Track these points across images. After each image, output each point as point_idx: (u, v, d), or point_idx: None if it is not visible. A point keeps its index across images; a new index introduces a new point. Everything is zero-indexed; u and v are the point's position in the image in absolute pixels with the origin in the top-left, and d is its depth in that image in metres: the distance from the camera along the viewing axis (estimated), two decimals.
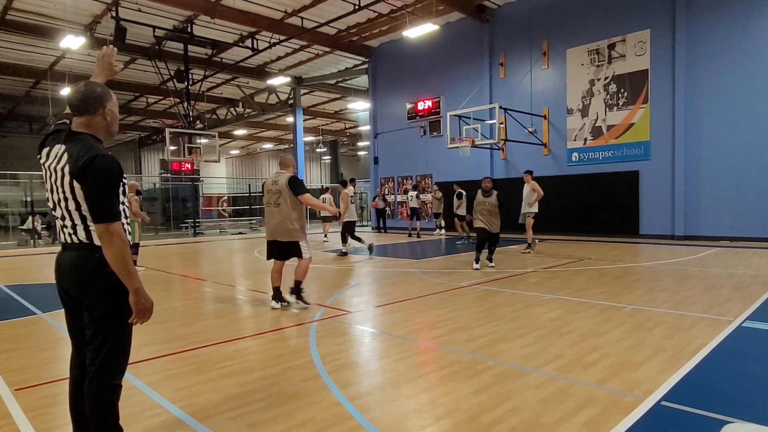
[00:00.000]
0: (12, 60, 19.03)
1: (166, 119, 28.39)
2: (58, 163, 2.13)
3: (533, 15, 15.17)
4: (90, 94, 2.17)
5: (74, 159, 2.09)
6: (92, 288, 2.11)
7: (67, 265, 2.16)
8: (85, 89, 2.17)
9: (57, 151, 2.16)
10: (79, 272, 2.12)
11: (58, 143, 2.18)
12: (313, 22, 16.25)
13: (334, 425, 2.63)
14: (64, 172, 2.10)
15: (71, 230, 2.16)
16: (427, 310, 5.41)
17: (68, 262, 2.16)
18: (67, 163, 2.10)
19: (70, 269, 2.15)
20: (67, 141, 2.16)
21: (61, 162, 2.12)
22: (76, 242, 2.15)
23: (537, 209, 10.62)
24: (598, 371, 3.35)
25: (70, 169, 2.08)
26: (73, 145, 2.14)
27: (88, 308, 2.12)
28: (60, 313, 5.65)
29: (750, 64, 11.54)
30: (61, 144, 2.16)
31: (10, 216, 20.33)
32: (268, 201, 5.55)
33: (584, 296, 5.85)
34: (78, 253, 2.14)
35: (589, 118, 14.18)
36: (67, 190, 2.11)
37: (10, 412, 2.91)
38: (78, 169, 2.06)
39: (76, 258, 2.14)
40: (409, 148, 19.03)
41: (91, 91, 2.18)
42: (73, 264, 2.14)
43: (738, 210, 11.76)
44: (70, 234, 2.16)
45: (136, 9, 14.87)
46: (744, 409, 2.70)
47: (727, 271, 7.42)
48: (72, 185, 2.09)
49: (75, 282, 2.14)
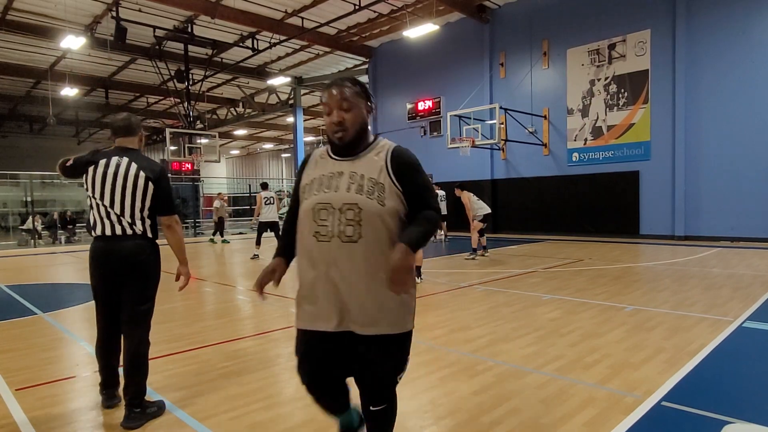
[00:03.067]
0: (12, 60, 19.02)
1: (167, 119, 28.38)
2: (127, 169, 2.72)
3: (533, 15, 15.17)
4: (134, 120, 2.90)
5: (147, 167, 2.75)
6: (146, 267, 2.74)
7: (126, 250, 2.70)
8: (130, 117, 2.89)
9: (118, 161, 2.74)
10: (139, 256, 2.72)
11: (115, 156, 2.76)
12: (313, 22, 16.25)
13: (334, 425, 2.62)
14: (139, 176, 2.71)
15: (129, 223, 2.71)
16: (427, 310, 5.41)
17: (128, 248, 2.70)
18: (141, 169, 2.72)
19: (129, 254, 2.70)
20: (124, 155, 2.77)
21: (131, 169, 2.72)
22: (132, 233, 2.72)
23: (481, 215, 9.73)
24: (599, 371, 3.35)
25: (147, 174, 2.72)
26: (134, 156, 2.78)
27: (138, 280, 2.73)
28: (60, 313, 5.67)
29: (750, 64, 11.54)
30: (120, 156, 2.76)
31: (10, 216, 20.35)
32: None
33: (584, 296, 5.85)
34: (136, 241, 2.72)
35: (589, 119, 14.18)
36: (139, 192, 2.71)
37: (10, 412, 2.91)
38: (155, 174, 2.75)
39: (134, 245, 2.72)
40: (410, 148, 18.85)
41: (134, 118, 2.91)
42: (134, 250, 2.71)
43: (738, 210, 11.75)
44: (129, 225, 2.71)
45: (137, 9, 14.87)
46: (744, 410, 2.70)
47: (727, 272, 7.41)
48: (146, 187, 2.72)
49: (130, 262, 2.71)
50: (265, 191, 11.10)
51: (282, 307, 5.80)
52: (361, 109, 1.88)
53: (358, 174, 1.83)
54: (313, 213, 1.83)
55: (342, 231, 1.78)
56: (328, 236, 1.79)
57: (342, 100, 1.83)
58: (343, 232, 1.78)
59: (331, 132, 1.85)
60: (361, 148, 1.90)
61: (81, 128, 30.33)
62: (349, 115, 1.84)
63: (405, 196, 1.85)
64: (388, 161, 1.86)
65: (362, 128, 1.88)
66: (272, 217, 10.95)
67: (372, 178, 1.82)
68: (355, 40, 18.66)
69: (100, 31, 15.81)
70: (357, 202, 1.77)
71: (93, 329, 4.75)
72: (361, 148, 1.90)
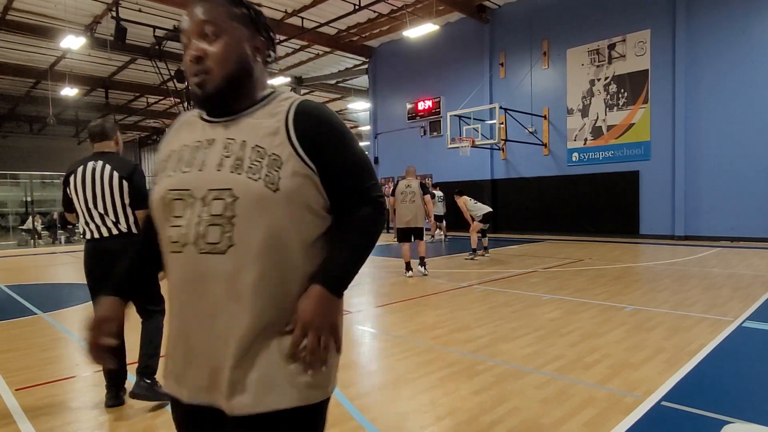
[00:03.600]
0: (12, 60, 19.01)
1: (167, 119, 28.39)
2: (102, 171, 2.92)
3: (533, 15, 15.17)
4: (107, 125, 3.12)
5: (119, 167, 2.95)
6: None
7: (114, 249, 2.90)
8: (104, 122, 3.11)
9: (93, 166, 2.94)
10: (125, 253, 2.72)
11: (90, 161, 2.96)
12: (313, 22, 16.25)
13: (334, 425, 2.63)
14: (113, 176, 2.91)
15: (114, 222, 2.94)
16: (427, 310, 5.41)
17: (115, 246, 2.91)
18: (114, 170, 2.93)
19: (118, 251, 2.87)
20: (98, 159, 2.98)
21: (106, 170, 2.93)
22: (119, 232, 2.94)
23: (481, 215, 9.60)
24: (598, 371, 3.35)
25: (119, 173, 2.93)
26: (108, 159, 2.99)
27: None
28: (60, 313, 5.67)
29: (750, 64, 11.54)
30: (95, 161, 2.96)
31: (10, 216, 20.35)
32: (404, 199, 7.49)
33: (584, 296, 5.85)
34: (121, 240, 2.93)
35: (589, 118, 14.18)
36: (116, 190, 2.92)
37: (10, 412, 2.91)
38: (127, 172, 2.95)
39: (120, 243, 2.91)
40: (410, 149, 19.03)
41: (108, 123, 3.14)
42: (123, 247, 2.87)
43: (738, 210, 11.75)
44: (114, 225, 2.93)
45: (137, 9, 14.87)
46: (744, 409, 2.70)
47: (727, 272, 7.41)
48: (121, 184, 2.92)
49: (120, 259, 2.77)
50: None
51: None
52: (237, 37, 1.12)
53: (238, 142, 1.08)
54: (163, 207, 1.11)
55: (200, 235, 1.05)
56: (180, 244, 1.07)
57: (203, 22, 1.11)
58: (201, 237, 1.04)
59: (190, 76, 1.13)
60: (246, 103, 1.14)
61: (81, 128, 30.28)
62: (214, 48, 1.10)
63: (323, 180, 1.10)
64: (289, 121, 1.09)
65: (240, 70, 1.12)
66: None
67: (259, 147, 1.07)
68: (355, 40, 18.67)
69: (100, 31, 15.80)
70: (231, 187, 1.04)
71: None
72: (244, 103, 1.14)
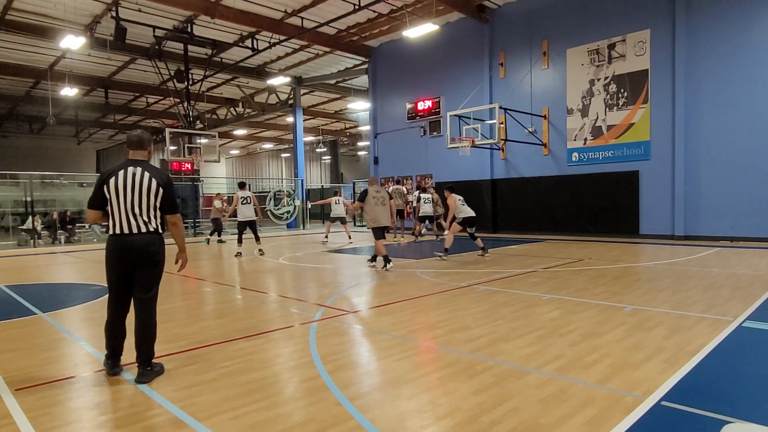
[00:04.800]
0: (12, 60, 19.01)
1: (166, 119, 28.37)
2: (141, 177, 3.42)
3: (533, 15, 15.17)
4: (146, 136, 3.62)
5: (157, 176, 3.48)
6: (156, 256, 3.48)
7: (141, 243, 3.41)
8: (142, 134, 3.60)
9: (132, 171, 3.43)
10: (152, 247, 3.45)
11: (130, 167, 3.44)
12: (313, 22, 16.25)
13: (334, 425, 2.63)
14: (152, 183, 3.43)
15: (145, 221, 3.44)
16: (427, 310, 5.41)
17: (143, 241, 3.41)
18: (153, 177, 3.45)
19: (144, 246, 3.41)
20: (136, 165, 3.47)
21: (145, 177, 3.43)
22: (148, 230, 3.44)
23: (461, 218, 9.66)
24: (598, 371, 3.35)
25: (158, 181, 3.45)
26: (146, 166, 3.49)
27: (150, 267, 3.46)
28: (60, 313, 5.67)
29: (750, 64, 11.53)
30: (135, 167, 3.45)
31: (10, 216, 20.32)
32: (376, 203, 8.48)
33: (584, 296, 5.85)
34: (151, 236, 3.46)
35: (589, 118, 14.18)
36: (152, 195, 3.43)
37: (10, 412, 2.91)
38: (164, 181, 3.50)
39: (149, 239, 3.44)
40: (409, 148, 19.03)
41: (146, 135, 3.63)
42: (147, 242, 3.43)
43: (738, 210, 11.75)
44: (145, 223, 3.44)
45: (136, 9, 14.87)
46: (744, 409, 2.70)
47: (727, 271, 7.41)
48: (158, 191, 3.45)
49: (146, 253, 3.43)
50: (242, 191, 11.55)
51: (282, 307, 5.81)
52: None
53: None
54: None
55: None
56: None
57: None
58: None
59: None
60: None
61: (81, 128, 30.29)
62: None
63: None
64: None
65: None
66: (250, 216, 11.44)
67: None
68: (354, 40, 18.67)
69: (99, 31, 15.80)
70: None
71: (93, 329, 4.77)
72: None
